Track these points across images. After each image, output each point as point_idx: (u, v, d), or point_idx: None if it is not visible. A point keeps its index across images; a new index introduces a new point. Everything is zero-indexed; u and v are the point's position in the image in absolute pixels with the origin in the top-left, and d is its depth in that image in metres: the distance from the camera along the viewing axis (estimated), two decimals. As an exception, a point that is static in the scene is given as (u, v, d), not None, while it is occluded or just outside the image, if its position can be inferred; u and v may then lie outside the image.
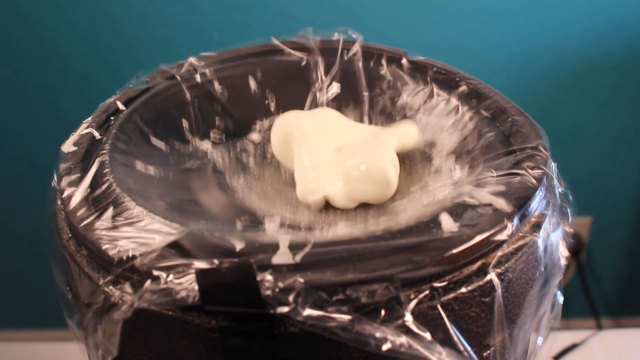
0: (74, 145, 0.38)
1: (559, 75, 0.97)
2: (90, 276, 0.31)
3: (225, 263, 0.27)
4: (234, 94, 0.45)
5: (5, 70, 0.96)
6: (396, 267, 0.28)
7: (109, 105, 0.41)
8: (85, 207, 0.33)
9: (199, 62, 0.45)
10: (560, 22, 0.93)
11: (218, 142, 0.43)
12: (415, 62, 0.44)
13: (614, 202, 1.09)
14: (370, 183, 0.37)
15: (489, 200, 0.32)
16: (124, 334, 0.29)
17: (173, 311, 0.28)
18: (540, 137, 0.36)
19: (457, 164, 0.39)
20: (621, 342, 0.90)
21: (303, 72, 0.46)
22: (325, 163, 0.38)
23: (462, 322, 0.30)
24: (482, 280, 0.30)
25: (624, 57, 0.96)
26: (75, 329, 0.35)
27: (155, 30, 0.92)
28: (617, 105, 1.00)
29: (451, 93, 0.42)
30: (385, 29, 0.93)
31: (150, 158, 0.39)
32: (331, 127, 0.41)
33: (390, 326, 0.28)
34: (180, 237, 0.30)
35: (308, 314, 0.27)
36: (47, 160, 0.41)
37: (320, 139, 0.40)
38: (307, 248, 0.28)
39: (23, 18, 0.92)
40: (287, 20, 0.91)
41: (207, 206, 0.36)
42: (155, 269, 0.28)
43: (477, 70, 0.52)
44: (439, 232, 0.30)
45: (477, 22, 0.92)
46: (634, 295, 1.18)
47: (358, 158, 0.38)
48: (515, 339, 0.34)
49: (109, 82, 0.93)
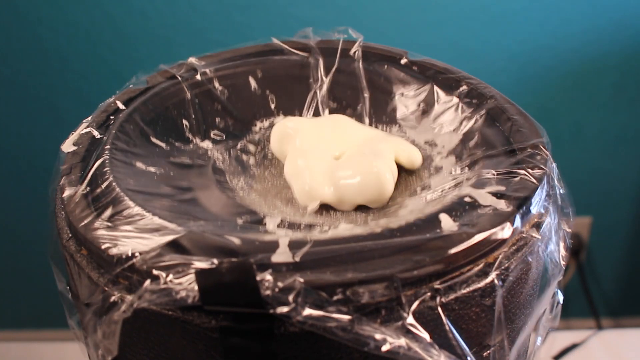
0: (73, 145, 0.38)
1: (559, 75, 0.97)
2: (90, 276, 0.31)
3: (225, 263, 0.27)
4: (235, 94, 0.45)
5: (5, 70, 0.96)
6: (396, 267, 0.28)
7: (108, 105, 0.41)
8: (85, 207, 0.33)
9: (199, 62, 0.45)
10: (560, 22, 0.93)
11: (218, 141, 0.43)
12: (415, 62, 0.44)
13: (614, 202, 1.09)
14: (363, 191, 0.37)
15: (489, 201, 0.32)
16: (124, 333, 0.29)
17: (173, 311, 0.28)
18: (540, 137, 0.36)
19: (457, 164, 0.39)
20: (621, 342, 0.90)
21: (303, 72, 0.46)
22: (319, 168, 0.38)
23: (462, 322, 0.30)
24: (482, 280, 0.30)
25: (624, 57, 0.96)
26: (75, 329, 0.35)
27: (155, 30, 0.92)
28: (617, 105, 1.00)
29: (451, 93, 0.42)
30: (385, 29, 0.93)
31: (151, 158, 0.39)
32: (335, 134, 0.41)
33: (390, 326, 0.28)
34: (180, 236, 0.30)
35: (308, 314, 0.27)
36: (47, 160, 0.41)
37: (319, 145, 0.40)
38: (307, 247, 0.28)
39: (23, 18, 0.92)
40: (287, 20, 0.91)
41: (207, 206, 0.36)
42: (155, 269, 0.28)
43: (477, 70, 0.52)
44: (439, 232, 0.30)
45: (477, 22, 0.92)
46: (634, 295, 1.18)
47: (352, 168, 0.37)
48: (515, 339, 0.34)
49: (109, 82, 0.93)
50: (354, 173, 0.37)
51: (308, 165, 0.38)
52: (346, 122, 0.42)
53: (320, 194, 0.37)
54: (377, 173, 0.37)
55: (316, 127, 0.41)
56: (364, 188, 0.37)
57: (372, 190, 0.37)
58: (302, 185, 0.38)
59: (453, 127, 0.41)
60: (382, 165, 0.37)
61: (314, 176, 0.38)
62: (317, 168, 0.38)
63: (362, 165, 0.37)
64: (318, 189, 0.37)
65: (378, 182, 0.36)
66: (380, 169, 0.37)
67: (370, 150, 0.39)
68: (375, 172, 0.37)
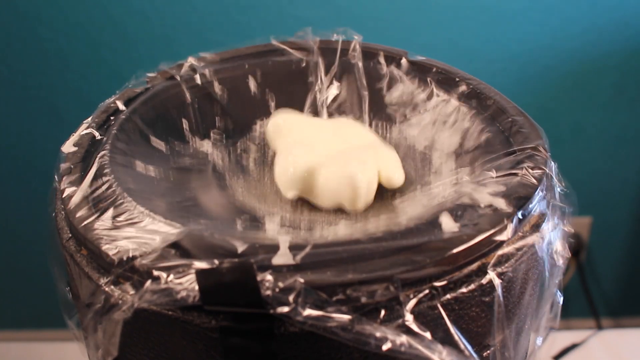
0: (74, 146, 0.38)
1: (559, 75, 0.97)
2: (90, 276, 0.31)
3: (225, 263, 0.27)
4: (234, 95, 0.45)
5: (5, 70, 0.96)
6: (396, 267, 0.28)
7: (108, 106, 0.41)
8: (86, 207, 0.33)
9: (198, 63, 0.45)
10: (560, 22, 0.93)
11: (218, 142, 0.43)
12: (415, 62, 0.44)
13: (614, 202, 1.09)
14: (340, 191, 0.36)
15: (489, 201, 0.32)
16: (124, 334, 0.29)
17: (173, 311, 0.28)
18: (540, 137, 0.36)
19: (457, 164, 0.39)
20: (621, 342, 0.90)
21: (303, 72, 0.46)
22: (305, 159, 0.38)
23: (462, 322, 0.30)
24: (482, 280, 0.30)
25: (624, 57, 0.96)
26: (75, 329, 0.35)
27: (155, 30, 0.92)
28: (617, 106, 1.00)
29: (451, 93, 0.42)
30: (385, 29, 0.93)
31: (150, 158, 0.39)
32: (335, 136, 0.40)
33: (390, 326, 0.28)
34: (181, 237, 0.30)
35: (308, 314, 0.27)
36: (47, 160, 0.41)
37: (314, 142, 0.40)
38: (308, 249, 0.28)
39: (23, 18, 0.92)
40: (287, 20, 0.91)
41: (207, 206, 0.36)
42: (155, 269, 0.28)
43: (477, 70, 0.52)
44: (439, 233, 0.30)
45: (477, 22, 0.92)
46: (634, 295, 1.18)
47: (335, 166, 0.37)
48: (515, 339, 0.34)
49: (109, 82, 0.93)
50: (335, 171, 0.37)
51: (294, 156, 0.38)
52: (350, 126, 0.42)
53: (299, 182, 0.37)
54: (352, 178, 0.36)
55: (318, 126, 0.41)
56: (341, 188, 0.36)
57: (347, 193, 0.36)
58: (283, 170, 0.38)
59: (453, 127, 0.41)
60: (362, 173, 0.37)
61: (297, 165, 0.38)
62: (303, 159, 0.38)
63: (344, 166, 0.37)
64: (298, 176, 0.37)
65: (353, 186, 0.36)
66: (357, 176, 0.36)
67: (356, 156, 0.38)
68: (351, 177, 0.36)
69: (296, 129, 0.40)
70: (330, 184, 0.37)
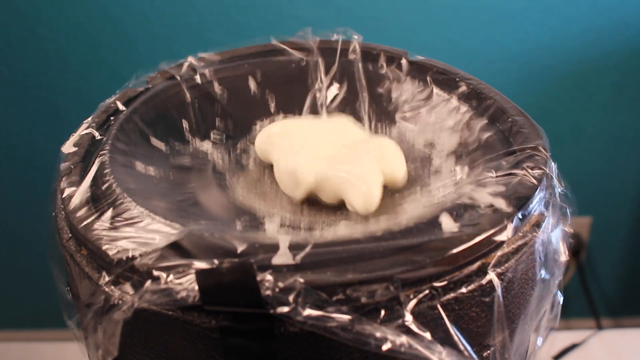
0: (74, 146, 0.38)
1: (559, 75, 0.97)
2: (90, 276, 0.31)
3: (225, 263, 0.27)
4: (234, 95, 0.45)
5: (5, 70, 0.96)
6: (396, 267, 0.28)
7: (108, 106, 0.41)
8: (86, 208, 0.33)
9: (198, 63, 0.45)
10: (560, 22, 0.93)
11: (218, 142, 0.43)
12: (415, 62, 0.44)
13: (614, 202, 1.09)
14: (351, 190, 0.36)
15: (489, 201, 0.32)
16: (124, 334, 0.29)
17: (173, 311, 0.28)
18: (540, 138, 0.36)
19: (457, 164, 0.39)
20: (621, 342, 0.90)
21: (303, 72, 0.46)
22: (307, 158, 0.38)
23: (462, 322, 0.30)
24: (482, 280, 0.30)
25: (624, 57, 0.96)
26: (75, 329, 0.35)
27: (155, 30, 0.92)
28: (617, 106, 1.00)
29: (451, 93, 0.42)
30: (385, 29, 0.93)
31: (150, 158, 0.39)
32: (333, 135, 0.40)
33: (390, 326, 0.28)
34: (181, 237, 0.30)
35: (308, 314, 0.27)
36: (47, 160, 0.41)
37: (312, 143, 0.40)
38: (307, 248, 0.28)
39: (23, 18, 0.92)
40: (287, 20, 0.91)
41: (207, 206, 0.36)
42: (155, 269, 0.28)
43: (477, 70, 0.52)
44: (439, 233, 0.30)
45: (477, 22, 0.92)
46: (634, 295, 1.18)
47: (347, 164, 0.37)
48: (515, 339, 0.34)
49: (109, 82, 0.93)
50: (347, 169, 0.37)
51: (295, 157, 0.38)
52: (345, 125, 0.42)
53: (305, 178, 0.37)
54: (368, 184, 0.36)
55: (313, 126, 0.41)
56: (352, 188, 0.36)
57: (358, 195, 0.36)
58: (286, 168, 0.37)
59: (453, 127, 0.41)
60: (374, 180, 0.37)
61: (300, 163, 0.37)
62: (305, 158, 0.38)
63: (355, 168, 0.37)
64: (303, 173, 0.37)
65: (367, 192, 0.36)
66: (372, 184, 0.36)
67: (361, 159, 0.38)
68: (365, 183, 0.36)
69: (290, 136, 0.40)
70: (340, 190, 0.37)
